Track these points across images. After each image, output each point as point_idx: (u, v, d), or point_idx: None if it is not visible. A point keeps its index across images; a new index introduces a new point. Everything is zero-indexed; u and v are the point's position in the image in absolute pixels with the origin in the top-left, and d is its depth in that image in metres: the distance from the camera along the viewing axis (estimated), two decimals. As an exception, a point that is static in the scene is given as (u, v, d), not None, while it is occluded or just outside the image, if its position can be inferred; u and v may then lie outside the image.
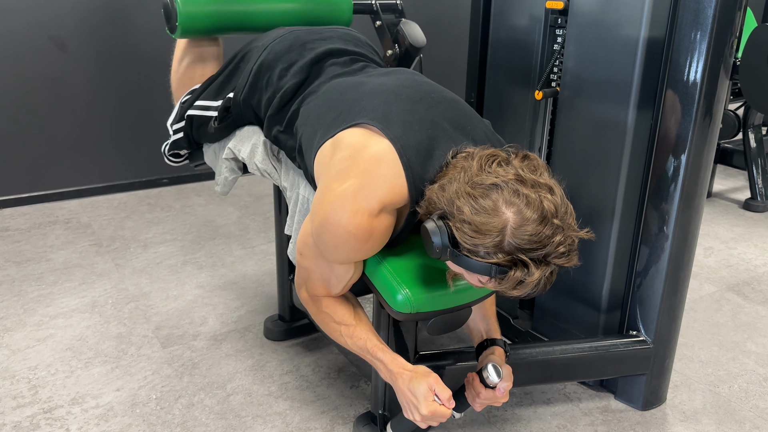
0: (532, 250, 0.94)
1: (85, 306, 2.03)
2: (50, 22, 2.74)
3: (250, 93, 1.46)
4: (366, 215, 1.06)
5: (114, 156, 3.06)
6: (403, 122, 1.12)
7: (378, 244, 1.13)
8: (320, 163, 1.19)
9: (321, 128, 1.22)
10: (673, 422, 1.57)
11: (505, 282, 0.96)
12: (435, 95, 1.20)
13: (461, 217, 0.96)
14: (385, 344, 1.23)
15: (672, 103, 1.37)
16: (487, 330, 1.33)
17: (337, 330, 1.25)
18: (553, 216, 0.94)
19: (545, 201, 0.94)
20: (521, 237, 0.93)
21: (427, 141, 1.11)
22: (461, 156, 1.07)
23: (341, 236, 1.08)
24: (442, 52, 3.81)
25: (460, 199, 0.96)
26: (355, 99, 1.21)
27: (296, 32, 1.46)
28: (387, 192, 1.07)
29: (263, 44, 1.46)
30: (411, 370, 1.17)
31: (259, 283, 2.22)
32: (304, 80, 1.38)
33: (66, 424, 1.50)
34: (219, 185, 1.73)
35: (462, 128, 1.16)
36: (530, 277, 0.94)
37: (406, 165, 1.08)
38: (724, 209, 3.06)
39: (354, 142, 1.13)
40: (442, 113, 1.16)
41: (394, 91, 1.20)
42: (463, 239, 0.96)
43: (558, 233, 0.94)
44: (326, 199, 1.10)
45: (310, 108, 1.31)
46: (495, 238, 0.93)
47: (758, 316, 2.07)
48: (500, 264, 0.94)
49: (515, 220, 0.93)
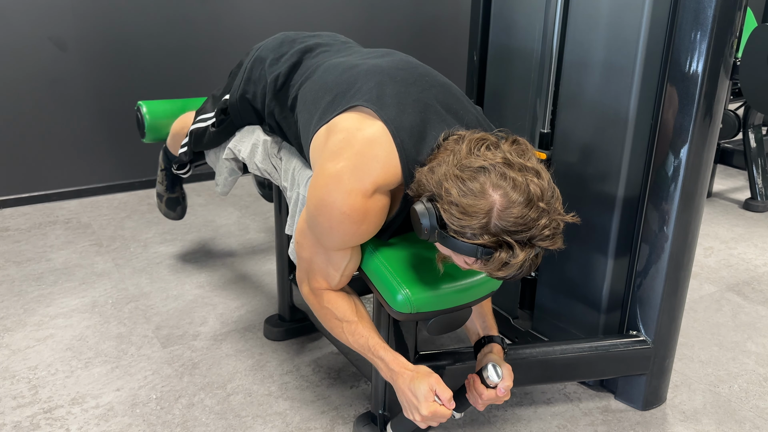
0: (517, 232, 0.95)
1: (85, 306, 2.03)
2: (50, 22, 2.74)
3: (245, 88, 1.50)
4: (360, 195, 1.07)
5: (114, 156, 3.06)
6: (397, 104, 1.13)
7: (373, 226, 1.14)
8: (315, 148, 1.21)
9: (317, 113, 1.24)
10: (673, 422, 1.57)
11: (491, 263, 0.97)
12: (429, 78, 1.22)
13: (449, 199, 0.97)
14: (386, 343, 1.23)
15: (672, 102, 1.37)
16: (484, 327, 1.34)
17: (339, 326, 1.25)
18: (539, 199, 0.95)
19: (532, 184, 0.96)
20: (507, 219, 0.94)
21: (420, 123, 1.12)
22: (452, 139, 1.08)
23: (336, 218, 1.09)
24: (442, 52, 3.82)
25: (448, 181, 0.98)
26: (349, 81, 1.22)
27: (286, 33, 1.54)
28: (380, 173, 1.08)
29: (256, 46, 1.54)
30: (412, 370, 1.17)
31: (259, 283, 2.22)
32: (297, 62, 1.42)
33: (66, 424, 1.50)
34: (219, 185, 1.74)
35: (454, 112, 1.17)
36: (515, 259, 0.95)
37: (399, 146, 1.09)
38: (724, 209, 3.06)
39: (348, 125, 1.15)
40: (435, 96, 1.18)
41: (388, 72, 1.21)
42: (451, 221, 0.97)
43: (543, 216, 0.96)
44: (320, 181, 1.12)
45: (306, 91, 1.33)
46: (481, 220, 0.95)
47: (758, 316, 2.07)
48: (486, 245, 0.96)
49: (501, 202, 0.95)
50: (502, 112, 1.75)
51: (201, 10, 3.05)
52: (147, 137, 2.01)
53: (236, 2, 3.13)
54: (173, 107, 2.02)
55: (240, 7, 3.14)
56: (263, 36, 1.63)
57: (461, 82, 1.93)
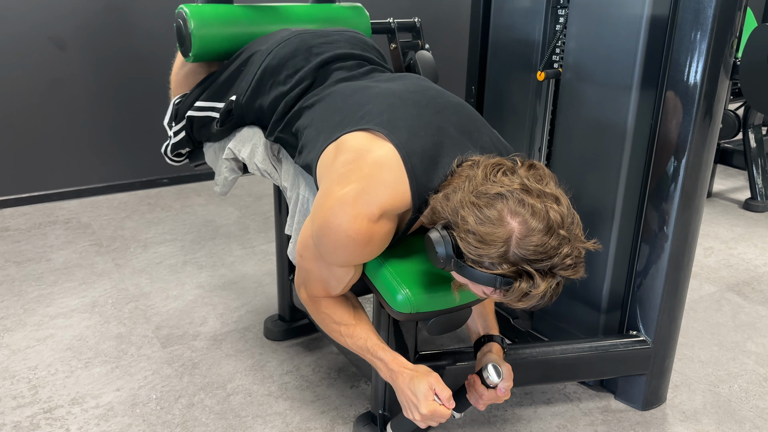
0: (537, 261, 0.93)
1: (85, 306, 2.03)
2: (50, 22, 2.74)
3: (253, 97, 1.44)
4: (366, 220, 1.05)
5: (114, 156, 3.06)
6: (408, 127, 1.11)
7: (378, 248, 1.13)
8: (323, 165, 1.19)
9: (325, 131, 1.22)
10: (673, 422, 1.57)
11: (511, 293, 0.94)
12: (442, 100, 1.19)
13: (466, 227, 0.95)
14: (385, 343, 1.23)
15: (672, 103, 1.37)
16: (485, 326, 1.33)
17: (337, 330, 1.25)
18: (559, 226, 0.93)
19: (551, 211, 0.93)
20: (526, 248, 0.92)
21: (433, 147, 1.10)
22: (467, 164, 1.06)
23: (341, 240, 1.08)
24: (442, 52, 3.81)
25: (465, 209, 0.95)
26: (360, 103, 1.20)
27: (302, 35, 1.42)
28: (388, 198, 1.06)
29: (267, 48, 1.43)
30: (412, 369, 1.17)
31: (259, 283, 2.22)
32: (310, 86, 1.36)
33: (66, 424, 1.50)
34: (219, 185, 1.73)
35: (468, 134, 1.15)
36: (536, 289, 0.93)
37: (410, 172, 1.07)
38: (724, 209, 3.06)
39: (357, 145, 1.12)
40: (448, 118, 1.15)
41: (400, 95, 1.19)
42: (468, 249, 0.95)
43: (564, 244, 0.93)
44: (327, 203, 1.10)
45: (314, 110, 1.30)
46: (500, 249, 0.92)
47: (758, 316, 2.07)
48: (505, 275, 0.93)
49: (520, 230, 0.92)
50: (503, 112, 1.75)
51: (201, 10, 3.05)
52: (194, 52, 1.52)
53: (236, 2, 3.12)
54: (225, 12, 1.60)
55: (240, 7, 3.14)
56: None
57: (461, 83, 1.93)
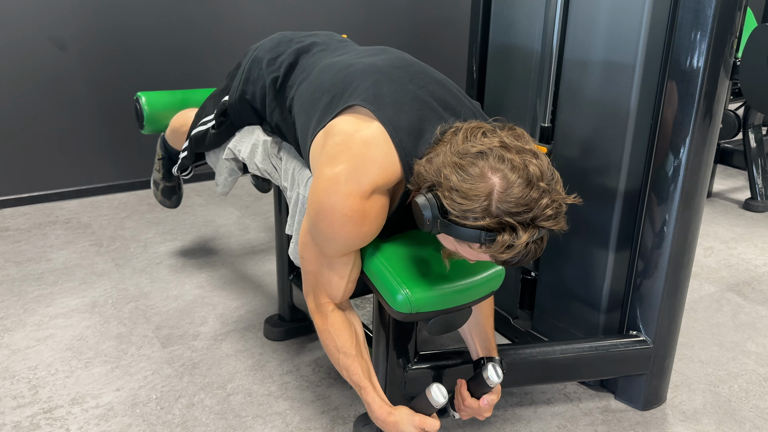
0: (519, 213, 0.95)
1: (85, 306, 2.03)
2: (50, 22, 2.74)
3: (244, 88, 1.51)
4: (358, 198, 1.08)
5: (114, 156, 3.06)
6: (394, 103, 1.14)
7: (375, 226, 1.14)
8: (314, 152, 1.21)
9: (315, 115, 1.24)
10: (673, 422, 1.57)
11: (494, 246, 0.96)
12: (425, 76, 1.22)
13: (449, 185, 0.97)
14: (377, 385, 1.25)
15: (672, 102, 1.37)
16: (485, 348, 1.34)
17: (336, 356, 1.27)
18: (538, 179, 0.95)
19: (530, 165, 0.96)
20: (508, 200, 0.94)
21: (418, 121, 1.12)
22: (450, 131, 1.09)
23: (337, 221, 1.09)
24: (442, 52, 3.82)
25: (447, 168, 0.98)
26: (346, 81, 1.23)
27: (283, 33, 1.56)
28: (379, 173, 1.09)
29: (253, 47, 1.55)
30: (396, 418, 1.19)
31: (259, 283, 2.22)
32: (294, 63, 1.43)
33: (66, 424, 1.50)
34: (219, 185, 1.74)
35: (452, 108, 1.18)
36: (518, 240, 0.95)
37: (398, 146, 1.09)
38: (724, 209, 3.06)
39: (345, 128, 1.15)
40: (431, 93, 1.18)
41: (385, 71, 1.21)
42: (452, 207, 0.97)
43: (544, 196, 0.96)
44: (319, 185, 1.12)
45: (303, 92, 1.33)
46: (482, 203, 0.95)
47: (758, 316, 2.07)
48: (488, 228, 0.96)
49: (501, 184, 0.95)
50: (503, 112, 1.75)
51: (201, 11, 3.05)
52: (146, 129, 2.01)
53: (236, 2, 3.13)
54: (172, 99, 2.04)
55: (240, 7, 3.14)
56: (262, 36, 1.63)
57: (461, 82, 1.93)
